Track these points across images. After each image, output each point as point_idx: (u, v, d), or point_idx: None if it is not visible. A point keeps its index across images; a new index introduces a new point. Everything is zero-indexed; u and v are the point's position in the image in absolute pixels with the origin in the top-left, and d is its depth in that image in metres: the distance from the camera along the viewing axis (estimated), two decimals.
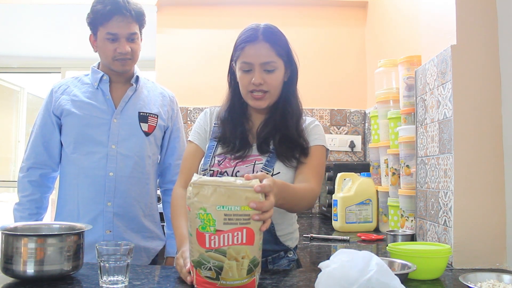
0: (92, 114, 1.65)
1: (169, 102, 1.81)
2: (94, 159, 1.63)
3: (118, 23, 1.59)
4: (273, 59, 1.30)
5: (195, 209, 0.94)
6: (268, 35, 1.29)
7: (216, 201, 0.92)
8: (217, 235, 0.93)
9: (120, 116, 1.67)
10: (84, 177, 1.63)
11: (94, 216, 1.61)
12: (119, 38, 1.61)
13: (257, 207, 0.93)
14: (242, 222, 0.93)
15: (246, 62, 1.29)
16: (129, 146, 1.66)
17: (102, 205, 1.62)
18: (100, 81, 1.69)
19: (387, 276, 0.86)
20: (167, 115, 1.78)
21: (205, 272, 0.96)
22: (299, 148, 1.33)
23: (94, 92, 1.69)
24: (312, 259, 1.53)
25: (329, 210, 2.30)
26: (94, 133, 1.64)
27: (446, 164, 1.38)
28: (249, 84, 1.30)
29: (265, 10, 3.09)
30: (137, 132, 1.68)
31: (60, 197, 1.70)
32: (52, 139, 1.68)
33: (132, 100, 1.71)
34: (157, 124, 1.72)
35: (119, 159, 1.64)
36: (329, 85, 3.05)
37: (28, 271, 1.05)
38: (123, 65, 1.65)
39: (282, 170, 1.30)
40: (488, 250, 1.32)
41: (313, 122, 1.42)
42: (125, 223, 1.64)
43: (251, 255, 0.95)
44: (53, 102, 1.68)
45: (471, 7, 1.38)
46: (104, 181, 1.62)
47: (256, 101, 1.33)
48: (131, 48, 1.63)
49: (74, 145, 1.64)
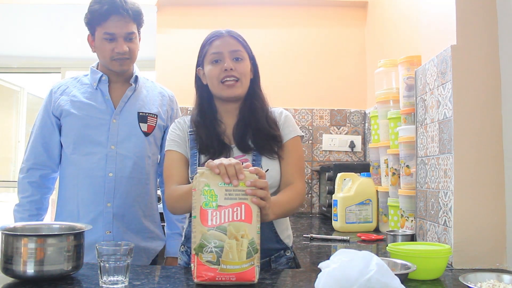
0: (91, 114, 1.65)
1: (168, 101, 1.80)
2: (94, 159, 1.62)
3: (115, 23, 1.59)
4: (240, 48, 1.39)
5: (200, 187, 1.05)
6: (231, 32, 1.41)
7: (218, 179, 1.05)
8: (219, 211, 1.04)
9: (120, 116, 1.67)
10: (84, 178, 1.62)
11: (94, 217, 1.61)
12: (116, 38, 1.61)
13: (251, 184, 1.06)
14: (241, 197, 1.05)
15: (215, 52, 1.37)
16: (129, 147, 1.66)
17: (101, 206, 1.61)
18: (99, 82, 1.69)
19: (387, 276, 0.86)
20: (167, 114, 1.77)
21: (206, 255, 1.02)
22: (272, 138, 1.39)
23: (93, 93, 1.68)
24: (312, 259, 1.53)
25: (329, 210, 2.30)
26: (93, 133, 1.63)
27: (446, 164, 1.38)
28: (220, 73, 1.36)
29: (265, 10, 3.09)
30: (136, 132, 1.68)
31: (60, 197, 1.70)
32: (51, 140, 1.68)
33: (131, 100, 1.70)
34: (156, 124, 1.72)
35: (118, 160, 1.64)
36: (329, 85, 3.05)
37: (28, 271, 1.05)
38: (121, 65, 1.65)
39: (269, 165, 1.36)
40: (488, 250, 1.32)
41: (281, 113, 1.47)
42: (125, 223, 1.64)
43: (250, 235, 1.04)
44: (52, 102, 1.68)
45: (471, 7, 1.38)
46: (104, 182, 1.62)
47: (228, 89, 1.37)
48: (129, 48, 1.63)
49: (74, 145, 1.64)
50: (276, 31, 3.09)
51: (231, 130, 1.41)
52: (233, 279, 1.02)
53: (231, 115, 1.43)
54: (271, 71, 2.96)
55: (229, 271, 1.02)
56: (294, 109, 3.02)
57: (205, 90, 1.43)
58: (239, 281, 1.03)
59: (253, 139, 1.38)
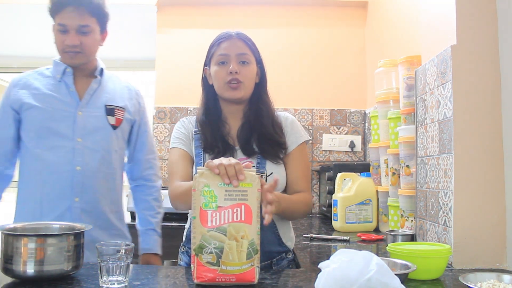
0: (55, 107, 1.59)
1: (135, 95, 1.76)
2: (60, 153, 1.56)
3: (69, 14, 1.54)
4: (247, 52, 1.39)
5: (200, 187, 1.05)
6: (240, 34, 1.41)
7: (218, 179, 1.05)
8: (219, 212, 1.03)
9: (86, 109, 1.62)
10: (49, 173, 1.56)
11: (61, 213, 1.55)
12: (68, 30, 1.55)
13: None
14: (241, 198, 1.04)
15: (223, 54, 1.38)
16: (96, 140, 1.61)
17: (69, 201, 1.56)
18: (63, 74, 1.63)
19: (387, 276, 0.86)
20: (134, 108, 1.73)
21: (206, 257, 1.02)
22: (277, 144, 1.39)
23: (57, 85, 1.63)
24: (312, 259, 1.53)
25: (329, 210, 2.30)
26: (57, 126, 1.58)
27: (446, 164, 1.38)
28: (226, 75, 1.37)
29: (265, 10, 3.10)
30: (104, 125, 1.63)
31: (20, 196, 1.63)
32: (4, 134, 1.61)
33: (98, 93, 1.65)
34: (124, 118, 1.68)
35: (86, 153, 1.58)
36: (329, 85, 3.05)
37: (28, 271, 1.05)
38: (71, 58, 1.59)
39: (274, 169, 1.37)
40: (488, 250, 1.32)
41: (287, 118, 1.47)
42: (92, 219, 1.57)
43: (250, 236, 1.03)
44: (11, 96, 1.62)
45: (471, 7, 1.38)
46: (72, 176, 1.56)
47: (232, 91, 1.38)
48: (81, 41, 1.57)
49: (37, 139, 1.57)
50: (276, 31, 3.09)
51: (236, 132, 1.42)
52: (233, 280, 1.02)
53: (236, 117, 1.43)
54: (271, 71, 2.93)
55: (229, 272, 1.02)
56: (294, 109, 3.02)
57: (211, 90, 1.44)
58: (239, 282, 1.03)
59: (257, 143, 1.38)
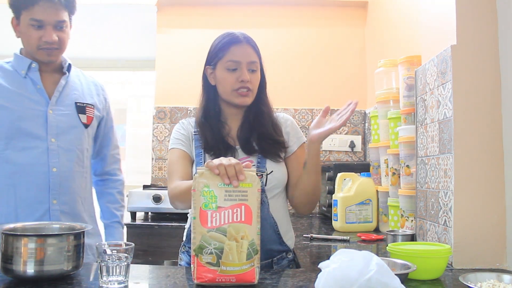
0: (24, 106, 1.51)
1: (101, 91, 1.73)
2: (33, 154, 1.49)
3: (44, 9, 1.47)
4: (256, 59, 1.40)
5: (200, 188, 1.04)
6: (248, 39, 1.40)
7: (218, 179, 1.04)
8: (218, 212, 1.03)
9: (56, 107, 1.55)
10: (23, 176, 1.49)
11: (39, 217, 1.49)
12: (45, 26, 1.48)
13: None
14: (241, 198, 1.04)
15: (234, 61, 1.36)
16: (70, 139, 1.56)
17: (47, 204, 1.50)
18: (28, 69, 1.54)
19: (387, 276, 0.86)
20: (102, 105, 1.70)
21: (206, 257, 1.02)
22: (277, 143, 1.41)
23: (22, 82, 1.53)
24: (312, 259, 1.53)
25: (329, 210, 2.30)
26: (29, 126, 1.50)
27: (446, 164, 1.38)
28: (235, 82, 1.36)
29: (265, 10, 3.09)
30: (77, 124, 1.58)
31: None
32: None
33: (66, 90, 1.60)
34: (94, 115, 1.64)
35: (61, 154, 1.53)
36: (329, 85, 3.05)
37: (28, 271, 1.05)
38: (49, 55, 1.52)
39: (274, 167, 1.38)
40: (488, 250, 1.32)
41: (287, 120, 1.50)
42: (71, 221, 1.52)
43: (250, 237, 1.03)
44: None
45: (471, 7, 1.38)
46: (48, 178, 1.50)
47: (242, 98, 1.38)
48: (58, 37, 1.50)
49: (6, 141, 1.49)
50: (276, 31, 3.09)
51: (235, 132, 1.43)
52: (233, 281, 1.02)
53: (236, 118, 1.44)
54: (271, 71, 2.93)
55: (229, 273, 1.02)
56: (294, 109, 3.02)
57: (212, 91, 1.43)
58: (239, 282, 1.03)
59: (257, 142, 1.40)
